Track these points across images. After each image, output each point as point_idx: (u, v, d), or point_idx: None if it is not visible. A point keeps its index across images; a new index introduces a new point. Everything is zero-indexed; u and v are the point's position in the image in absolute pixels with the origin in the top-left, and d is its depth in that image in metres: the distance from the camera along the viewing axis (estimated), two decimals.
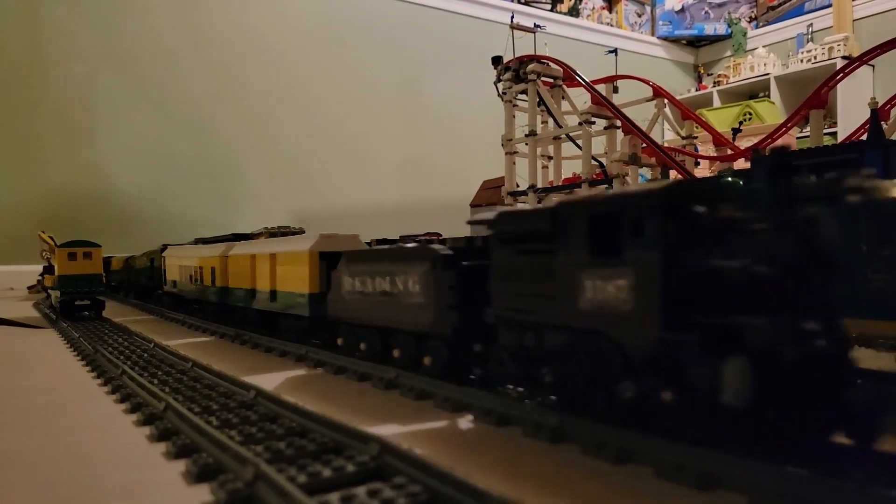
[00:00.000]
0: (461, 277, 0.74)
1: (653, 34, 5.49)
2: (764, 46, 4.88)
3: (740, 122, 3.48)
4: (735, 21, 5.25)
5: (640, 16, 5.51)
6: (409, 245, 0.87)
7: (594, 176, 2.07)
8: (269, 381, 0.89)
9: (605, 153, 2.17)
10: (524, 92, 2.33)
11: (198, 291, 1.62)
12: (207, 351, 1.19)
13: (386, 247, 0.92)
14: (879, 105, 1.51)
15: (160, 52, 3.41)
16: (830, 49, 4.27)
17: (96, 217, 3.14)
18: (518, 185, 2.38)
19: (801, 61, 4.44)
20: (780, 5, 5.08)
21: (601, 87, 2.24)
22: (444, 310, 0.75)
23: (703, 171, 2.46)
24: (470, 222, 0.76)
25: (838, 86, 2.19)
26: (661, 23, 5.45)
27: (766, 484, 0.43)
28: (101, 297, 1.79)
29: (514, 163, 2.41)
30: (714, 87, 4.98)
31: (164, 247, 2.01)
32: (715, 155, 2.26)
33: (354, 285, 0.93)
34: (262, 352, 1.18)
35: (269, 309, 1.22)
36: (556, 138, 2.42)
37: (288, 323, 1.18)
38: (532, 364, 0.65)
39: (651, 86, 2.46)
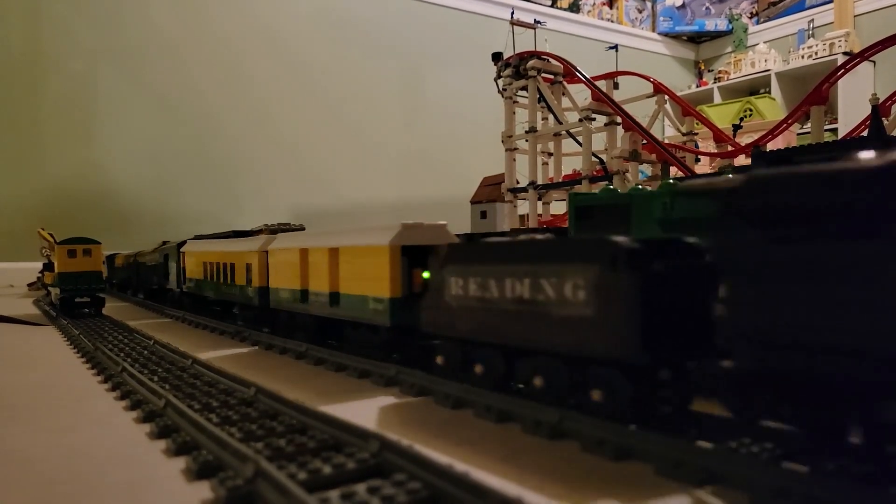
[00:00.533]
0: (655, 281, 0.53)
1: (653, 30, 5.48)
2: (765, 42, 4.87)
3: (741, 119, 3.48)
4: (736, 17, 5.25)
5: (640, 12, 5.49)
6: (571, 236, 0.65)
7: (594, 172, 2.07)
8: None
9: (606, 150, 2.17)
10: (524, 88, 2.32)
11: (227, 292, 1.41)
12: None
13: (523, 237, 0.66)
14: (880, 101, 1.50)
15: (160, 47, 3.40)
16: (831, 45, 4.26)
17: (96, 214, 3.14)
18: (518, 182, 2.38)
19: (802, 57, 4.44)
20: (780, 1, 5.07)
21: (602, 84, 2.24)
22: (631, 326, 0.53)
23: (703, 167, 2.46)
24: (684, 189, 0.53)
25: (839, 82, 2.19)
26: (661, 19, 5.44)
27: (765, 481, 0.43)
28: (101, 295, 1.79)
29: (515, 159, 2.41)
30: (715, 83, 4.98)
31: (182, 241, 1.82)
32: (716, 151, 2.25)
33: (466, 289, 0.70)
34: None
35: (330, 315, 0.99)
36: (557, 135, 2.41)
37: (358, 334, 0.96)
38: (822, 409, 0.44)
39: (652, 82, 2.45)
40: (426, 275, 0.78)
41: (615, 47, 2.58)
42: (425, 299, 0.77)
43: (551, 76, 2.37)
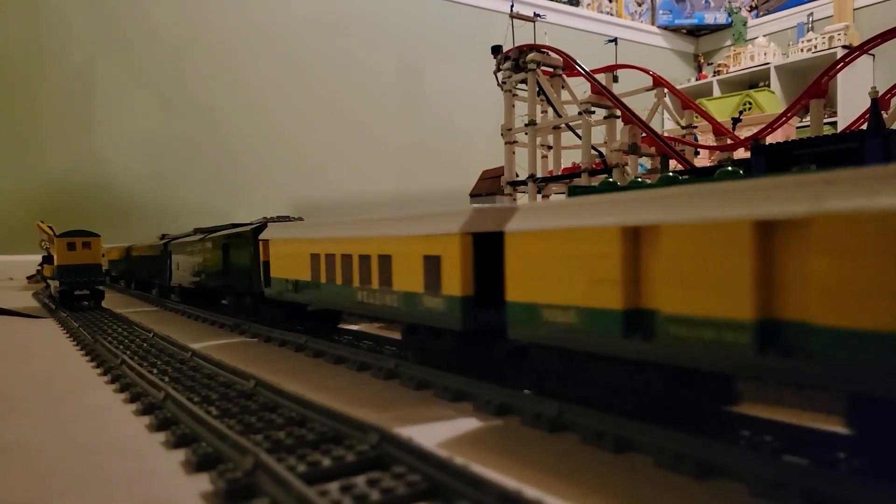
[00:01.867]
0: None
1: (653, 23, 5.46)
2: (764, 36, 4.86)
3: (740, 112, 3.47)
4: (735, 10, 5.23)
5: (640, 5, 5.48)
6: None
7: (594, 165, 2.07)
8: None
9: (605, 143, 2.16)
10: (524, 81, 2.31)
11: (373, 303, 0.89)
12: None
13: None
14: (880, 94, 1.50)
15: (159, 40, 3.39)
16: (831, 38, 4.25)
17: (95, 207, 3.13)
18: (517, 175, 2.37)
19: (802, 51, 4.43)
20: None
21: (601, 77, 2.23)
22: None
23: (703, 160, 2.46)
24: None
25: (838, 75, 2.18)
26: (661, 12, 5.42)
27: (764, 473, 0.43)
28: (100, 287, 1.79)
29: (514, 152, 2.40)
30: (714, 76, 4.96)
31: (259, 226, 1.29)
32: (715, 144, 2.25)
33: None
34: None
35: (746, 373, 0.44)
36: (556, 128, 2.41)
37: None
38: None
39: (651, 75, 2.45)
40: None
41: (614, 40, 2.57)
42: None
43: (551, 69, 2.36)
